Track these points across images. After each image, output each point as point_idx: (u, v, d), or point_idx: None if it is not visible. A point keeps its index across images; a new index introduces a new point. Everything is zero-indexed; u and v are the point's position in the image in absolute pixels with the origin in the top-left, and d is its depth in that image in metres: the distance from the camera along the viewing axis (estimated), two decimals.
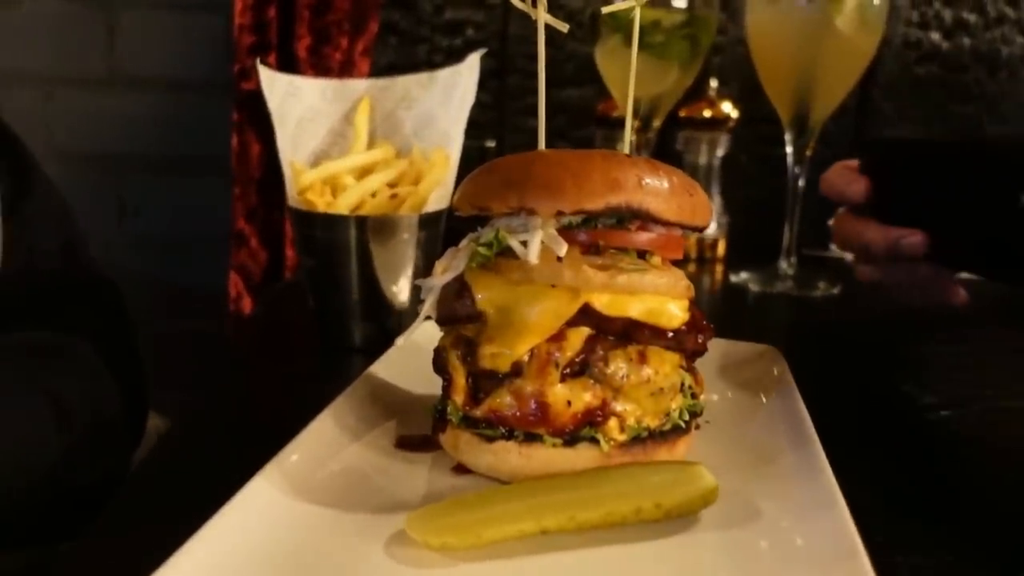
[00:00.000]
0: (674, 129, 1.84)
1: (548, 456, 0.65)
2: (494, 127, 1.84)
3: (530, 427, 0.65)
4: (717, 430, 0.78)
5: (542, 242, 0.65)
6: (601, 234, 0.67)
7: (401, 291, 1.03)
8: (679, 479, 0.61)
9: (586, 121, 1.97)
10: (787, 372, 0.87)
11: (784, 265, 1.58)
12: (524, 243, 0.66)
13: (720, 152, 1.83)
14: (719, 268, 1.78)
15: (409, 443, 0.73)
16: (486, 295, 0.68)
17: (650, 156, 1.56)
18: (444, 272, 0.71)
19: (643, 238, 0.68)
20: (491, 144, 1.58)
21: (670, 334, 0.68)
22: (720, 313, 1.50)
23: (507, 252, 0.67)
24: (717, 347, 0.90)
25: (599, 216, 0.67)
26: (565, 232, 0.66)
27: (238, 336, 1.21)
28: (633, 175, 0.66)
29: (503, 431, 0.66)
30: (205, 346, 1.11)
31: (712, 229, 1.82)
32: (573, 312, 0.65)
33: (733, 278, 1.62)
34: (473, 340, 0.68)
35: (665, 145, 1.81)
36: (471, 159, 0.97)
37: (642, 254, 0.69)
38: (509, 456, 0.66)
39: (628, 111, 0.78)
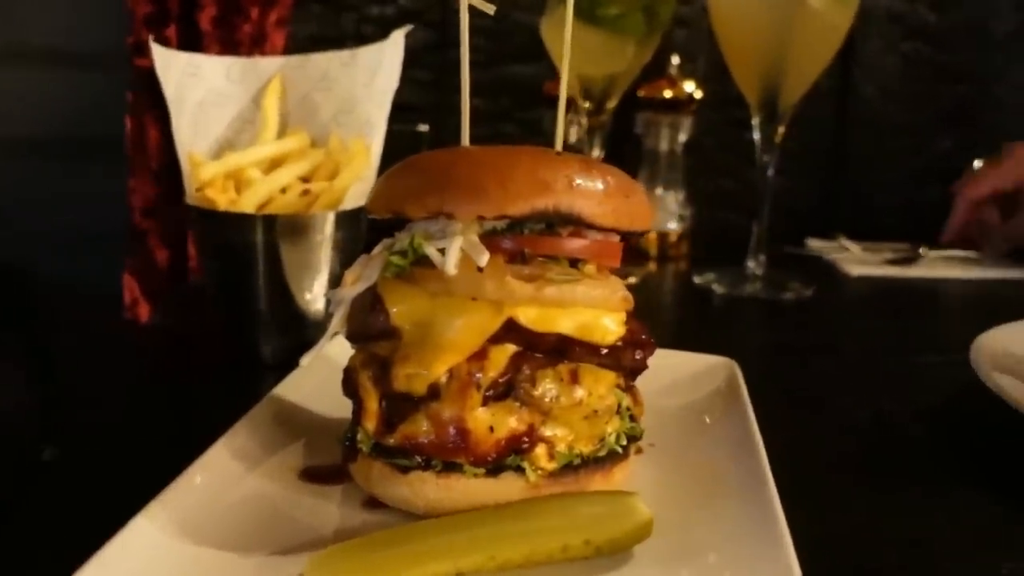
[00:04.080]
0: (632, 111, 1.87)
1: (469, 488, 0.67)
2: (431, 109, 1.85)
3: (449, 456, 0.67)
4: (661, 454, 0.80)
5: (462, 250, 0.67)
6: (528, 241, 0.69)
7: (316, 300, 1.04)
8: (611, 512, 0.63)
9: (535, 101, 1.99)
10: (741, 388, 0.89)
11: (752, 265, 1.63)
12: (442, 251, 0.67)
13: (683, 137, 1.87)
14: (682, 268, 1.82)
15: (316, 474, 0.74)
16: (400, 309, 0.69)
17: (604, 141, 1.60)
18: (355, 283, 0.73)
19: (575, 245, 0.70)
20: (424, 129, 1.58)
21: (605, 351, 0.70)
22: (681, 319, 1.54)
23: (424, 261, 0.69)
24: (668, 360, 0.92)
25: (526, 221, 0.69)
26: (488, 239, 0.68)
27: (132, 348, 1.21)
28: (563, 176, 0.67)
29: (419, 460, 0.67)
30: (95, 358, 1.11)
31: (674, 224, 1.86)
32: (496, 328, 0.67)
33: (697, 279, 1.65)
34: (386, 359, 0.69)
35: (622, 129, 1.84)
36: (402, 146, 0.98)
37: (575, 262, 0.71)
38: (426, 488, 0.67)
39: (562, 95, 0.79)
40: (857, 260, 1.88)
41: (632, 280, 1.61)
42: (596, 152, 1.63)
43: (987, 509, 0.79)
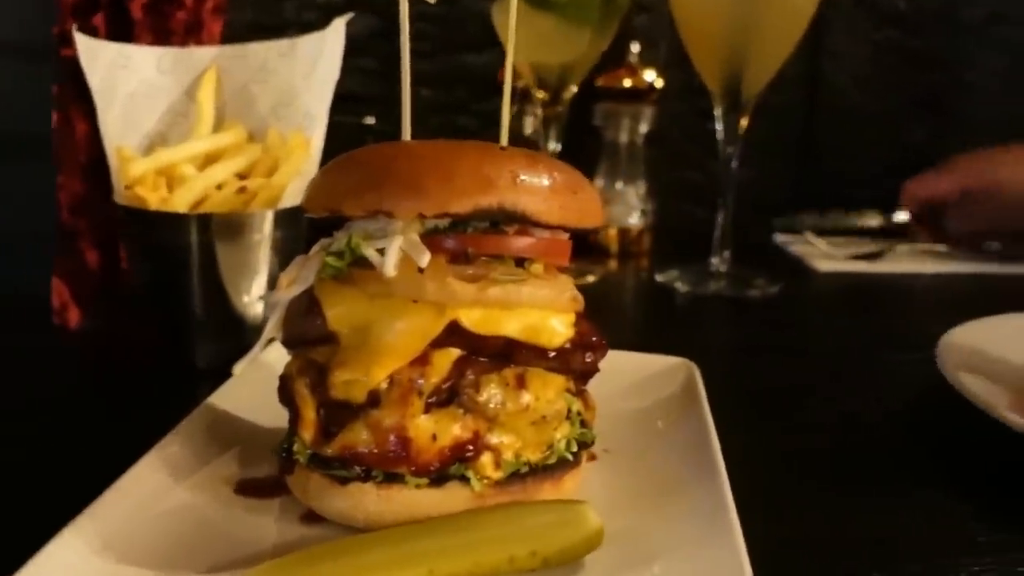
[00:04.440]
0: (590, 101, 1.89)
1: (411, 499, 0.68)
2: (379, 100, 1.85)
3: (390, 466, 0.67)
4: (615, 461, 0.82)
5: (402, 250, 0.68)
6: (472, 240, 0.70)
7: (254, 304, 1.05)
8: (560, 521, 0.64)
9: (491, 92, 2.00)
10: (699, 390, 0.91)
11: (716, 261, 1.65)
12: (381, 251, 0.68)
13: (644, 128, 1.89)
14: (644, 265, 1.84)
15: (252, 487, 0.75)
16: (338, 312, 0.70)
17: (561, 133, 1.61)
18: (290, 285, 0.73)
19: (521, 243, 0.71)
20: (371, 121, 1.59)
21: (553, 354, 0.71)
22: (642, 319, 1.56)
23: (363, 262, 0.69)
24: (624, 362, 0.95)
25: (470, 219, 0.70)
26: (429, 238, 0.69)
27: (61, 355, 1.20)
28: (507, 171, 0.68)
29: (359, 471, 0.68)
30: (22, 366, 1.10)
31: (636, 219, 1.87)
32: (438, 331, 0.68)
33: (659, 277, 1.68)
34: (324, 365, 0.70)
35: (580, 120, 1.85)
36: (347, 140, 0.98)
37: (521, 262, 0.72)
38: (366, 500, 0.68)
39: (506, 84, 0.80)
40: (825, 255, 1.91)
41: (591, 279, 1.63)
42: (552, 145, 1.64)
43: (954, 509, 0.81)
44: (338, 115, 1.15)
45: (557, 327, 0.72)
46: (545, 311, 0.71)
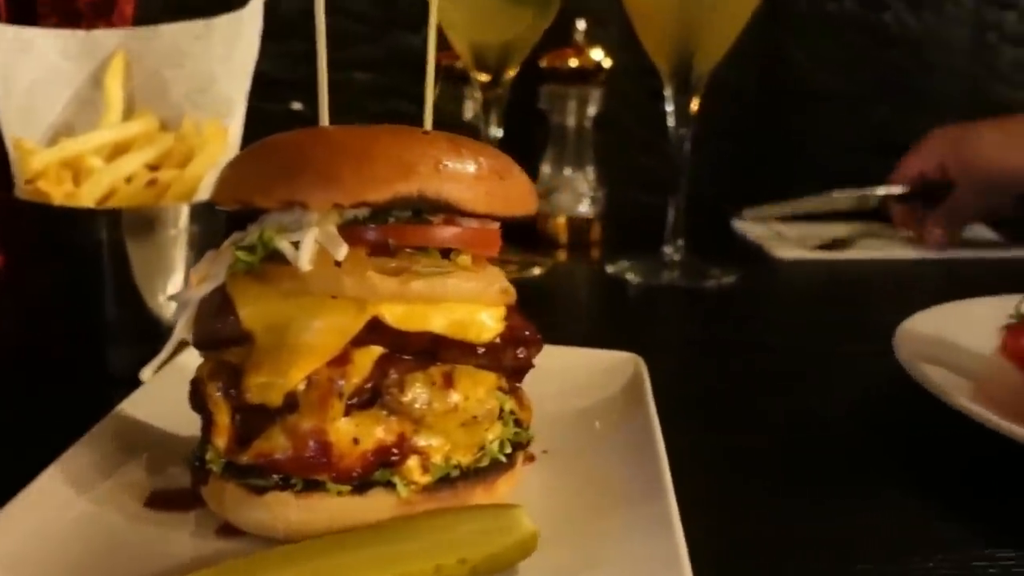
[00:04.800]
0: (534, 83, 1.88)
1: (333, 507, 0.67)
2: (307, 85, 1.83)
3: (310, 473, 0.67)
4: (554, 462, 0.82)
5: (317, 243, 0.67)
6: (393, 230, 0.70)
7: (169, 304, 1.03)
8: (491, 527, 0.64)
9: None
10: (645, 387, 0.91)
11: (669, 250, 1.65)
12: (296, 245, 0.68)
13: (592, 111, 1.88)
14: (595, 255, 1.84)
15: (164, 500, 0.74)
16: (251, 311, 0.69)
17: (502, 117, 1.60)
18: (201, 283, 0.73)
19: (446, 233, 0.71)
20: (298, 107, 1.58)
21: (482, 350, 0.71)
22: (592, 313, 1.56)
23: (277, 256, 0.69)
24: (569, 358, 0.96)
25: (391, 209, 0.69)
26: (348, 230, 0.69)
27: None
28: (429, 157, 0.68)
29: (277, 480, 0.68)
30: None
31: (585, 208, 1.87)
32: (359, 328, 0.67)
33: (610, 268, 1.68)
34: (237, 368, 0.69)
35: (524, 103, 1.84)
36: (275, 126, 0.96)
37: (448, 253, 0.72)
38: (286, 510, 0.67)
39: (429, 60, 0.80)
40: (787, 242, 1.92)
41: (537, 271, 1.63)
42: (494, 130, 1.64)
43: (911, 506, 0.82)
44: (263, 101, 1.14)
45: (486, 321, 0.72)
46: (473, 305, 0.71)
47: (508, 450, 0.74)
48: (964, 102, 2.22)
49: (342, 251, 0.67)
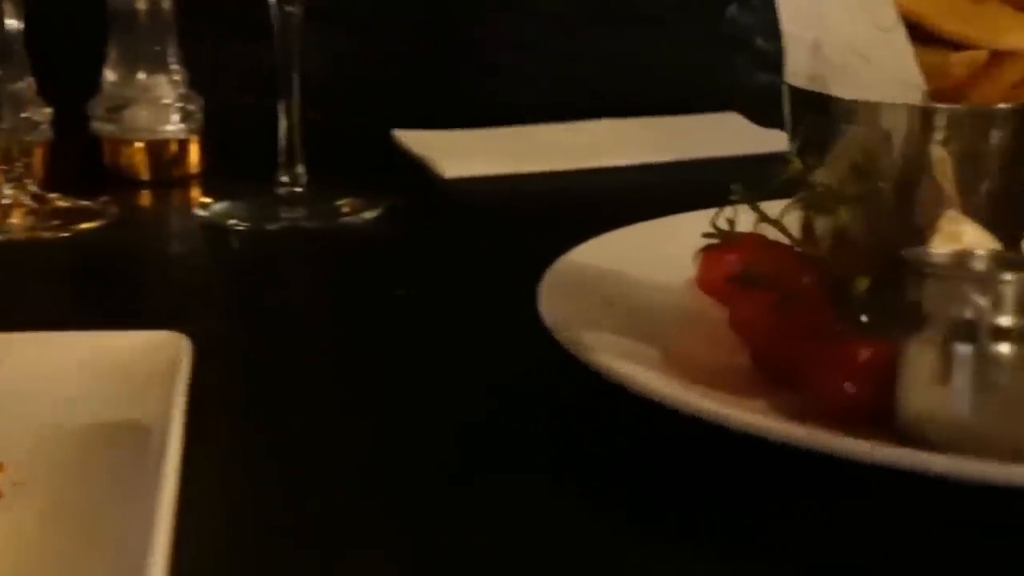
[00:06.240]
0: None
1: None
2: None
3: None
4: (34, 493, 0.63)
5: None
6: None
7: None
8: None
9: None
10: (178, 379, 0.71)
11: (287, 179, 1.29)
12: None
13: None
14: (194, 196, 1.41)
15: None
16: None
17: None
18: None
19: None
20: None
21: None
22: (178, 277, 1.21)
23: None
24: (67, 346, 0.77)
25: None
26: None
27: None
28: None
29: None
30: None
31: (173, 127, 1.42)
32: None
33: (202, 212, 1.29)
34: None
35: None
36: None
37: None
38: None
39: None
40: (460, 153, 1.50)
41: (88, 225, 1.21)
42: (12, 23, 1.19)
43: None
44: None
45: None
46: None
47: None
48: None
49: None
